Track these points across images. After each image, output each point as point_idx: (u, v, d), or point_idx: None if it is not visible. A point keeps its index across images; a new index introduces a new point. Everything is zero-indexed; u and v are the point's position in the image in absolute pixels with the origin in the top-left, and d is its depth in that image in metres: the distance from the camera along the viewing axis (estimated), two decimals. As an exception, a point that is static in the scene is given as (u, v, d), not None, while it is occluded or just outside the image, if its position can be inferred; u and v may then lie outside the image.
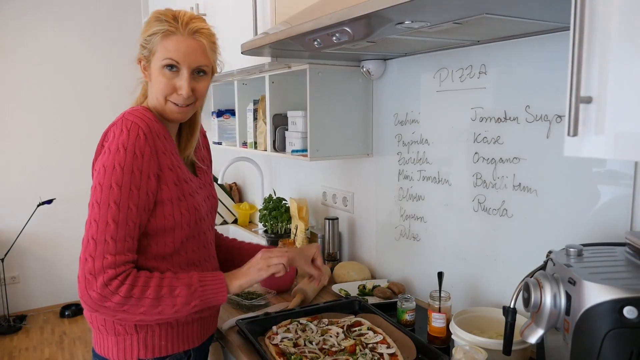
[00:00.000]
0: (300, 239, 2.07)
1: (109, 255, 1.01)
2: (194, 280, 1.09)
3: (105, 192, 1.02)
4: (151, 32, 1.10)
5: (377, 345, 1.28)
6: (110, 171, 1.03)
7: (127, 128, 1.05)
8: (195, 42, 1.11)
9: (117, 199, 1.02)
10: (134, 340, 1.15)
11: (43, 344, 3.63)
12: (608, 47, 0.67)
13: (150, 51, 1.11)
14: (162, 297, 1.05)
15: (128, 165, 1.03)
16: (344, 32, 1.06)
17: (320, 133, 1.72)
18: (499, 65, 1.33)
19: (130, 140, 1.04)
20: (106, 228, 1.02)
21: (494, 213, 1.38)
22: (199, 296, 1.09)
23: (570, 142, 0.72)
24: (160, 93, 1.12)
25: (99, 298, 1.01)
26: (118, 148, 1.03)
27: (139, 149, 1.04)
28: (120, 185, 1.02)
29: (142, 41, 1.13)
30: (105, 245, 1.01)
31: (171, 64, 1.09)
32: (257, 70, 1.94)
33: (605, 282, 0.79)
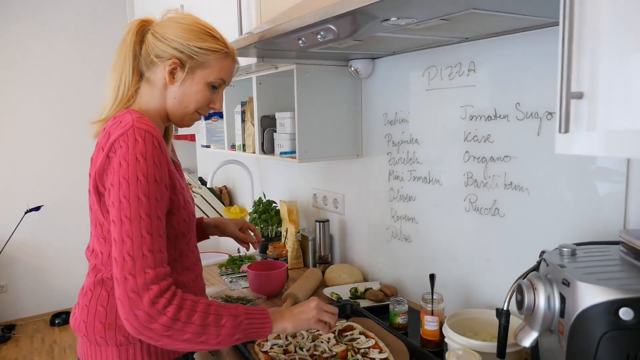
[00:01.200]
0: (291, 242, 2.04)
1: (149, 270, 0.96)
2: (241, 312, 1.05)
3: (134, 204, 0.97)
4: (207, 47, 1.09)
5: (369, 350, 1.25)
6: (134, 183, 0.98)
7: (142, 137, 1.00)
8: (236, 65, 1.20)
9: (147, 211, 0.98)
10: (137, 348, 1.11)
11: (33, 353, 3.57)
12: (599, 40, 0.65)
13: (200, 64, 1.10)
14: (208, 325, 1.00)
15: (151, 175, 0.99)
16: (329, 30, 1.03)
17: (308, 134, 1.69)
18: (488, 62, 1.31)
19: (147, 149, 1.00)
20: (142, 242, 0.97)
21: (486, 213, 1.36)
22: (244, 329, 1.04)
23: (561, 139, 0.70)
24: (196, 104, 1.14)
25: (146, 318, 0.95)
26: (137, 158, 0.99)
27: (157, 158, 1.01)
28: (147, 195, 0.98)
29: (186, 49, 1.08)
30: (144, 260, 0.96)
31: (221, 83, 1.15)
32: (244, 71, 1.92)
33: (600, 283, 0.77)
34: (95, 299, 1.11)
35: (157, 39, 1.09)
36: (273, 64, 1.72)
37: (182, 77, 1.10)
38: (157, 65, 1.10)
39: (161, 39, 1.09)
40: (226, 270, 2.02)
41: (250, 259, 2.07)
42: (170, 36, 1.08)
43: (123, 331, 1.09)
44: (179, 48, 1.08)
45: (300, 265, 2.07)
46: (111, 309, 1.08)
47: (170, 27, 1.09)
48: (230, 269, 2.02)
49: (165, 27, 1.10)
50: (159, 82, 1.12)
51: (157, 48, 1.09)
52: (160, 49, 1.09)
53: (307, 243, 2.04)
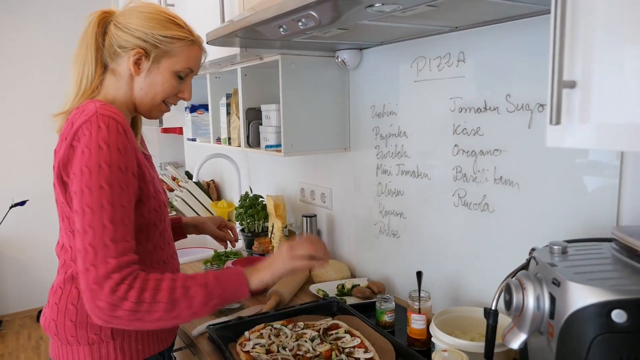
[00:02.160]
0: (278, 238, 1.99)
1: (111, 259, 0.92)
2: (210, 279, 1.01)
3: (96, 193, 0.93)
4: (171, 35, 1.07)
5: (354, 350, 1.21)
6: (96, 171, 0.94)
7: (106, 124, 0.97)
8: (204, 53, 1.18)
9: (110, 199, 0.94)
10: (110, 347, 1.08)
11: (19, 349, 3.52)
12: (594, 24, 0.60)
13: (165, 52, 1.08)
14: (177, 299, 0.96)
15: (114, 162, 0.95)
16: (310, 17, 0.98)
17: (294, 127, 1.64)
18: (478, 52, 1.26)
19: (111, 136, 0.96)
20: (104, 231, 0.93)
21: (475, 208, 1.32)
22: (218, 295, 1.01)
23: (552, 131, 0.66)
24: (163, 94, 1.11)
25: (108, 307, 0.91)
26: (100, 146, 0.95)
27: (122, 145, 0.97)
28: (110, 183, 0.94)
29: (149, 37, 1.06)
30: (106, 250, 0.93)
31: (188, 72, 1.13)
32: (228, 62, 1.86)
33: (591, 283, 0.73)
34: (66, 297, 1.08)
35: (119, 29, 1.06)
36: (257, 55, 1.66)
37: (147, 67, 1.08)
38: (121, 56, 1.07)
39: (124, 29, 1.06)
40: (211, 266, 1.96)
41: (236, 254, 2.03)
42: (133, 26, 1.05)
43: (95, 329, 1.06)
44: (143, 37, 1.05)
45: (287, 261, 2.02)
46: (82, 307, 1.04)
47: (132, 16, 1.06)
48: (216, 265, 1.97)
49: (127, 17, 1.07)
50: (125, 73, 1.09)
51: (120, 38, 1.06)
52: (123, 39, 1.06)
53: (294, 238, 2.00)
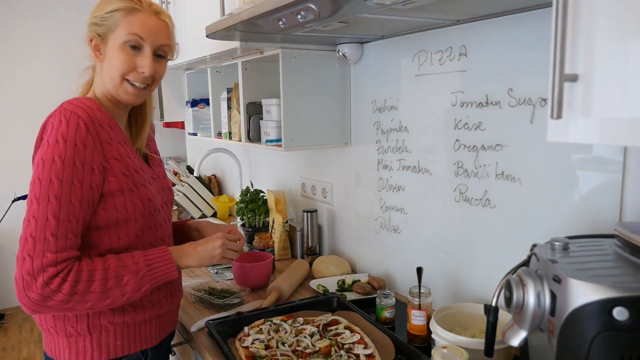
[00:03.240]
0: (278, 233, 1.98)
1: (49, 254, 0.94)
2: (141, 265, 1.04)
3: (45, 186, 0.95)
4: (110, 9, 1.04)
5: (353, 346, 1.20)
6: (49, 164, 0.96)
7: (67, 118, 0.97)
8: (160, 21, 1.09)
9: (58, 194, 0.95)
10: (87, 341, 1.09)
11: (21, 343, 3.53)
12: (596, 16, 0.59)
13: (109, 28, 1.05)
14: (110, 289, 1.00)
15: (69, 157, 0.96)
16: (309, 10, 0.97)
17: (295, 122, 1.63)
18: (480, 46, 1.25)
19: (70, 131, 0.97)
20: (46, 225, 0.94)
21: (476, 203, 1.31)
22: (149, 280, 1.05)
23: (553, 126, 0.65)
24: (118, 71, 1.06)
25: (39, 299, 0.94)
26: (57, 140, 0.96)
27: (80, 140, 0.97)
28: (60, 178, 0.95)
29: (96, 19, 1.06)
30: (45, 243, 0.94)
31: (135, 40, 1.05)
32: (229, 56, 1.85)
33: (593, 280, 0.72)
34: None
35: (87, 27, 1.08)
36: (258, 49, 1.65)
37: (103, 51, 1.07)
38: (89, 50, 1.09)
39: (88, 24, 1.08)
40: (212, 261, 1.96)
41: (237, 249, 2.02)
42: (91, 16, 1.07)
43: (72, 322, 1.07)
44: (93, 22, 1.06)
45: (288, 257, 2.02)
46: None
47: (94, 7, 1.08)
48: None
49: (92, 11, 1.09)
50: (97, 66, 1.11)
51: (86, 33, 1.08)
52: (87, 32, 1.08)
53: (295, 234, 1.99)
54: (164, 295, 1.19)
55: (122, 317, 1.10)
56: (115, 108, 1.12)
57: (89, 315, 1.07)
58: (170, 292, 1.21)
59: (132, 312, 1.12)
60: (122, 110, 1.15)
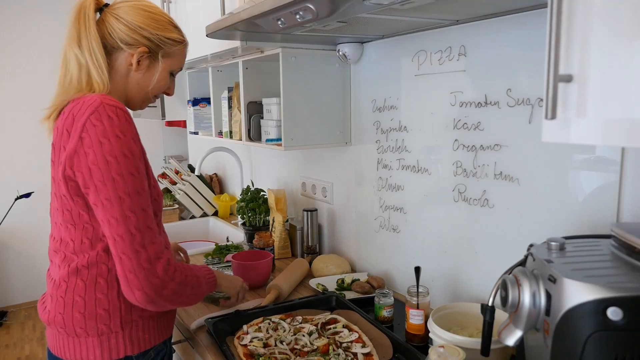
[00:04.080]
0: (278, 232, 1.99)
1: (156, 241, 1.01)
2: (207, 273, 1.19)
3: (129, 181, 0.98)
4: (173, 38, 1.15)
5: (351, 345, 1.21)
6: (122, 159, 0.98)
7: (116, 114, 0.99)
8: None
9: (139, 187, 1.00)
10: (119, 337, 1.10)
11: (24, 340, 3.55)
12: (591, 18, 0.59)
13: (166, 53, 1.14)
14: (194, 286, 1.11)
15: (135, 150, 1.01)
16: (307, 10, 0.97)
17: (295, 121, 1.63)
18: (479, 46, 1.25)
19: (124, 125, 1.00)
20: (145, 216, 1.00)
21: (475, 203, 1.31)
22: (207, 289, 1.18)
23: (548, 126, 0.65)
24: (156, 91, 1.18)
25: (160, 285, 1.00)
26: (117, 135, 0.98)
27: (134, 134, 1.02)
28: (138, 170, 1.00)
29: (155, 38, 1.11)
30: (150, 232, 1.00)
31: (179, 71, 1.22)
32: (229, 55, 1.85)
33: (587, 280, 0.72)
34: (72, 290, 1.08)
35: (122, 24, 1.08)
36: (258, 48, 1.65)
37: (147, 65, 1.13)
38: (122, 51, 1.10)
39: (128, 26, 1.08)
40: (212, 259, 1.97)
41: (237, 248, 2.03)
42: (139, 24, 1.08)
43: (104, 320, 1.08)
44: (149, 37, 1.10)
45: (288, 255, 2.02)
46: (89, 299, 1.07)
47: (136, 13, 1.09)
48: (217, 258, 1.98)
49: (130, 13, 1.09)
50: (122, 67, 1.12)
51: (124, 34, 1.08)
52: (129, 36, 1.08)
53: (295, 232, 2.00)
54: None
55: (148, 310, 1.12)
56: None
57: (122, 311, 1.08)
58: None
59: None
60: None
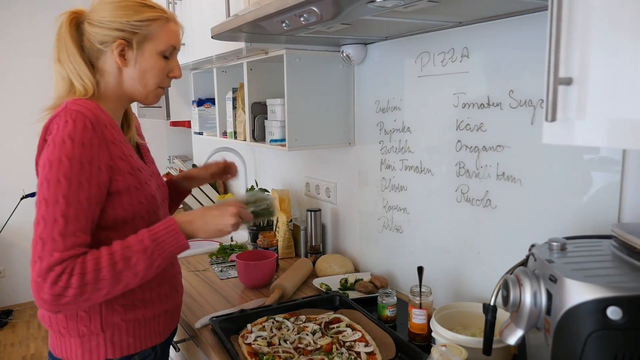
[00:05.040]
0: (282, 232, 2.00)
1: (56, 253, 0.94)
2: (147, 243, 1.01)
3: (53, 187, 0.95)
4: (144, 18, 1.06)
5: (354, 344, 1.22)
6: (57, 165, 0.95)
7: (73, 118, 0.98)
8: (180, 27, 1.16)
9: (66, 193, 0.95)
10: (100, 340, 1.09)
11: (29, 339, 3.58)
12: (590, 22, 0.60)
13: (144, 37, 1.07)
14: (120, 272, 0.98)
15: (76, 157, 0.96)
16: (312, 12, 0.99)
17: (299, 121, 1.65)
18: (482, 47, 1.26)
19: (77, 131, 0.97)
20: (54, 225, 0.94)
21: (478, 204, 1.32)
22: (159, 255, 1.02)
23: (548, 128, 0.66)
24: (155, 80, 1.12)
25: (52, 299, 0.93)
26: (64, 140, 0.96)
27: (87, 140, 0.98)
28: (68, 178, 0.95)
29: (126, 25, 1.05)
30: (53, 244, 0.94)
31: (171, 50, 1.12)
32: (234, 56, 1.87)
33: (588, 280, 0.73)
34: None
35: (94, 26, 1.06)
36: (263, 49, 1.67)
37: (133, 56, 1.08)
38: (104, 53, 1.08)
39: (99, 25, 1.06)
40: (216, 259, 1.99)
41: (241, 247, 2.05)
42: (107, 19, 1.05)
43: (85, 322, 1.08)
44: (120, 27, 1.05)
45: (292, 255, 2.04)
46: None
47: (104, 10, 1.06)
48: (221, 258, 1.99)
49: (98, 12, 1.06)
50: (112, 68, 1.09)
51: (98, 35, 1.06)
52: (102, 35, 1.06)
53: (298, 232, 2.01)
54: (169, 289, 1.21)
55: (133, 314, 1.12)
56: (119, 108, 1.14)
57: (102, 313, 1.07)
58: (175, 286, 1.24)
59: (143, 308, 1.13)
60: (121, 110, 1.17)
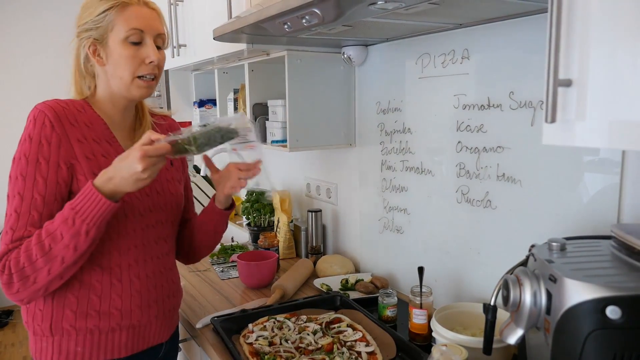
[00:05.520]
0: (283, 232, 2.01)
1: (3, 245, 1.00)
2: (66, 212, 0.97)
3: (12, 184, 1.01)
4: (101, 10, 1.04)
5: (355, 343, 1.23)
6: (17, 162, 1.01)
7: (34, 117, 1.02)
8: (151, 10, 1.10)
9: (21, 190, 1.00)
10: (49, 342, 1.08)
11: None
12: (589, 25, 0.61)
13: (105, 30, 1.05)
14: (50, 249, 0.96)
15: (33, 154, 1.00)
16: (314, 14, 0.99)
17: (300, 122, 1.66)
18: (482, 49, 1.27)
19: (36, 129, 1.01)
20: (9, 219, 1.01)
21: (478, 204, 1.33)
22: (82, 221, 0.95)
23: (548, 129, 0.67)
24: (128, 69, 1.06)
25: (5, 288, 1.00)
26: (25, 138, 1.02)
27: (44, 138, 1.01)
28: (24, 175, 1.00)
29: (88, 24, 1.06)
30: (4, 236, 1.00)
31: (136, 34, 1.05)
32: (236, 57, 1.88)
33: (587, 280, 0.74)
34: None
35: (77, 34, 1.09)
36: (264, 50, 1.68)
37: (104, 52, 1.07)
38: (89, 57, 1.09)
39: (77, 32, 1.09)
40: (217, 259, 2.00)
41: (242, 248, 2.05)
42: (80, 22, 1.08)
43: (38, 320, 1.09)
44: (85, 28, 1.07)
45: (292, 256, 2.04)
46: None
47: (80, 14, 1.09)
48: (222, 258, 2.00)
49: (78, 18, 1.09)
50: (99, 71, 1.11)
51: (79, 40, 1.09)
52: (80, 40, 1.08)
53: (299, 233, 2.02)
54: (137, 304, 1.13)
55: (84, 322, 1.08)
56: (114, 109, 1.13)
57: (52, 316, 1.06)
58: (147, 302, 1.15)
59: (96, 318, 1.09)
60: (127, 112, 1.15)
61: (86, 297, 1.08)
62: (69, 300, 1.07)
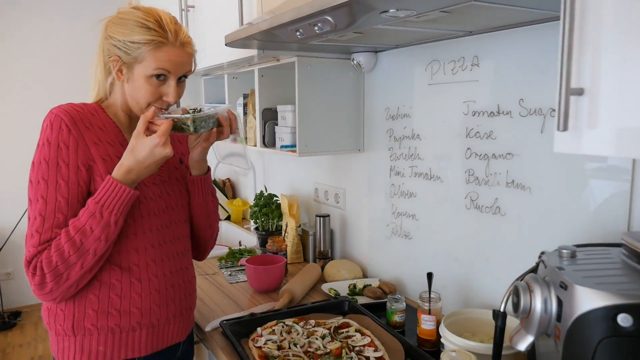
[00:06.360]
0: (291, 237, 2.02)
1: (32, 248, 1.03)
2: (92, 207, 1.03)
3: (34, 188, 1.04)
4: (137, 40, 1.05)
5: (364, 349, 1.23)
6: (37, 167, 1.04)
7: (51, 121, 1.06)
8: (185, 53, 1.11)
9: (44, 194, 1.03)
10: (72, 342, 1.12)
11: (37, 340, 3.60)
12: (602, 33, 0.62)
13: (135, 59, 1.07)
14: (82, 244, 1.02)
15: (53, 158, 1.04)
16: (326, 22, 1.01)
17: (309, 128, 1.67)
18: (492, 56, 1.27)
19: (53, 133, 1.05)
20: (34, 223, 1.03)
21: (487, 211, 1.33)
22: (109, 212, 1.02)
23: (560, 137, 0.67)
24: (145, 100, 1.10)
25: (37, 289, 1.03)
26: (43, 143, 1.05)
27: (62, 142, 1.04)
28: (46, 179, 1.03)
29: (120, 44, 1.07)
30: (31, 239, 1.03)
31: (163, 72, 1.08)
32: (246, 63, 1.89)
33: (598, 287, 0.74)
34: None
35: (106, 38, 1.11)
36: (274, 56, 1.69)
37: (126, 74, 1.10)
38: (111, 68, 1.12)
39: (109, 38, 1.10)
40: (226, 263, 2.01)
41: (250, 252, 2.06)
42: (112, 34, 1.09)
43: (60, 321, 1.12)
44: (118, 45, 1.08)
45: (300, 260, 2.05)
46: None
47: (115, 24, 1.10)
48: (230, 262, 2.01)
49: (113, 25, 1.10)
50: (116, 80, 1.13)
51: (107, 47, 1.11)
52: (107, 49, 1.10)
53: (307, 238, 2.02)
54: (156, 303, 1.16)
55: (105, 321, 1.11)
56: (130, 116, 1.18)
57: (74, 315, 1.10)
58: (166, 301, 1.18)
59: (117, 317, 1.12)
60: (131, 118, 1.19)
61: (107, 296, 1.11)
62: (90, 299, 1.10)
